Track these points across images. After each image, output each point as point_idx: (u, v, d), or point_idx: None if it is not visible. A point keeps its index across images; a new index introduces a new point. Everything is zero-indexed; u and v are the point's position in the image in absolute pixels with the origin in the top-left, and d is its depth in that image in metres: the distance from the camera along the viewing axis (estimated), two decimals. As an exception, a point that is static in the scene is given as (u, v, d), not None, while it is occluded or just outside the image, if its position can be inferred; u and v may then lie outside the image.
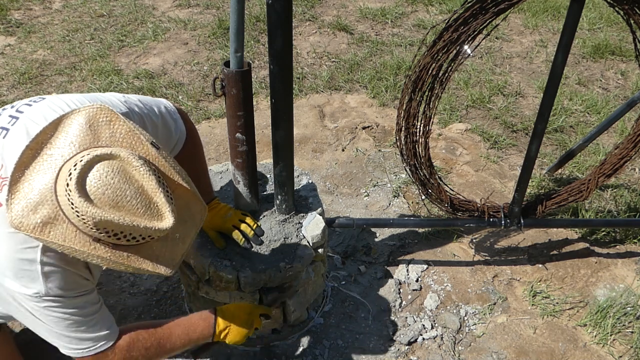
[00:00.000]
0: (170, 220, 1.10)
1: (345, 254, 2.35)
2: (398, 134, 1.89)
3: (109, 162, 1.05)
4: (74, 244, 1.06)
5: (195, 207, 1.24)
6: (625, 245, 2.48)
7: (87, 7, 4.70)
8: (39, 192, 1.04)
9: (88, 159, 1.03)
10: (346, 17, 4.60)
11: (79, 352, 1.31)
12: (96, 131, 1.11)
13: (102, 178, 1.03)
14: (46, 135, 1.09)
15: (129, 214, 1.06)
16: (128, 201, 1.05)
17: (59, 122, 1.11)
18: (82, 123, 1.11)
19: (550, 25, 4.60)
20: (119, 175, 1.04)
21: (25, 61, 3.83)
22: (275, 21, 1.37)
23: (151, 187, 1.07)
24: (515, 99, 3.55)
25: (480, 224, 2.16)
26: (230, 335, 1.55)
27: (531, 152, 1.96)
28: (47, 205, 1.04)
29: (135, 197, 1.06)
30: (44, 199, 1.04)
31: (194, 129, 1.63)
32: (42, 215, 1.04)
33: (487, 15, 1.59)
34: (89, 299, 1.29)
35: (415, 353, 1.96)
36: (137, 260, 1.13)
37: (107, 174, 1.03)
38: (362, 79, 3.71)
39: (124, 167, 1.06)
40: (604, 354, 1.98)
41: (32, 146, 1.07)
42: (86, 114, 1.12)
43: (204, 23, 4.42)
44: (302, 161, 2.97)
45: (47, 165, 1.07)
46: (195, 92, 3.49)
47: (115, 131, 1.13)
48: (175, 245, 1.18)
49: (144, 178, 1.07)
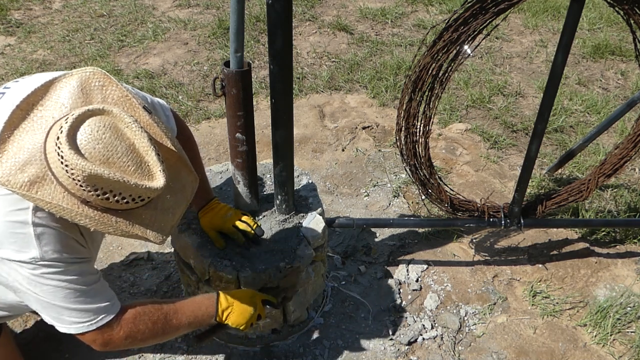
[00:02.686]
0: (161, 180, 1.07)
1: (345, 254, 2.35)
2: (398, 134, 1.89)
3: (100, 118, 1.02)
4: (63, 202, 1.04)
5: (186, 177, 1.22)
6: (625, 245, 2.48)
7: (87, 7, 4.70)
8: (27, 151, 1.02)
9: (79, 112, 1.01)
10: (346, 17, 4.60)
11: (80, 326, 1.25)
12: (88, 95, 1.09)
13: (94, 132, 1.01)
14: (37, 97, 1.07)
15: (119, 170, 1.03)
16: (119, 157, 1.03)
17: (50, 84, 1.09)
18: (75, 86, 1.09)
19: (550, 25, 4.60)
20: (110, 131, 1.02)
21: (25, 61, 3.83)
22: (275, 21, 1.37)
23: (143, 145, 1.05)
24: (515, 99, 3.55)
25: (480, 224, 2.16)
26: (232, 315, 1.50)
27: (531, 152, 1.96)
28: (36, 165, 1.02)
29: (127, 154, 1.03)
30: (33, 158, 1.02)
31: (187, 129, 1.63)
32: (30, 174, 1.02)
33: (487, 15, 1.59)
34: (87, 267, 1.25)
35: (415, 353, 1.96)
36: (126, 225, 1.10)
37: (98, 128, 1.01)
38: (362, 79, 3.71)
39: (115, 124, 1.03)
40: (604, 354, 1.98)
41: (22, 106, 1.05)
42: (79, 78, 1.10)
43: (204, 23, 4.42)
44: (302, 161, 2.97)
45: (37, 125, 1.05)
46: (195, 92, 3.49)
47: (107, 95, 1.11)
48: (165, 215, 1.16)
49: (135, 136, 1.05)
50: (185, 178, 1.22)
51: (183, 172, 1.21)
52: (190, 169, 1.22)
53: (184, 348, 1.93)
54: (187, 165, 1.21)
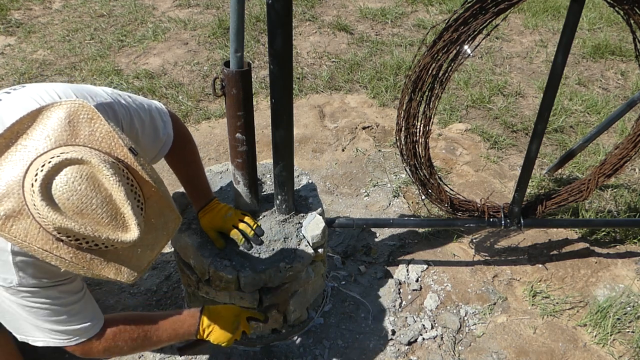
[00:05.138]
0: (135, 232, 1.06)
1: (345, 254, 2.35)
2: (398, 134, 1.89)
3: (78, 167, 1.00)
4: (35, 241, 1.02)
5: (169, 215, 1.20)
6: (625, 245, 2.48)
7: (87, 7, 4.71)
8: (6, 184, 1.00)
9: (57, 161, 0.98)
10: (346, 17, 4.60)
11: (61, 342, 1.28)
12: (75, 127, 1.07)
13: (69, 183, 0.99)
14: (22, 125, 1.05)
15: (92, 222, 1.02)
16: (93, 209, 1.01)
17: (37, 114, 1.06)
18: (62, 117, 1.06)
19: (550, 25, 4.60)
20: (86, 182, 1.00)
21: (25, 61, 3.83)
22: (275, 21, 1.37)
23: (120, 197, 1.03)
24: (515, 99, 3.55)
25: (480, 224, 2.16)
26: (213, 334, 1.53)
27: (531, 152, 1.96)
28: (13, 199, 1.00)
29: (102, 206, 1.02)
30: (11, 192, 1.00)
31: (186, 132, 1.61)
32: (7, 208, 1.00)
33: (487, 16, 1.59)
34: (69, 288, 1.25)
35: (415, 353, 1.96)
36: (99, 265, 1.09)
37: (74, 179, 0.99)
38: (362, 79, 3.71)
39: (93, 174, 1.01)
40: (604, 354, 1.98)
41: (6, 135, 1.03)
42: (67, 109, 1.07)
43: (204, 23, 4.42)
44: (302, 161, 2.97)
45: (19, 156, 1.03)
46: (195, 92, 3.49)
47: (95, 129, 1.08)
48: (143, 251, 1.15)
49: (113, 187, 1.03)
50: (169, 215, 1.20)
51: (167, 210, 1.19)
52: (173, 207, 1.21)
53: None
54: (171, 204, 1.20)
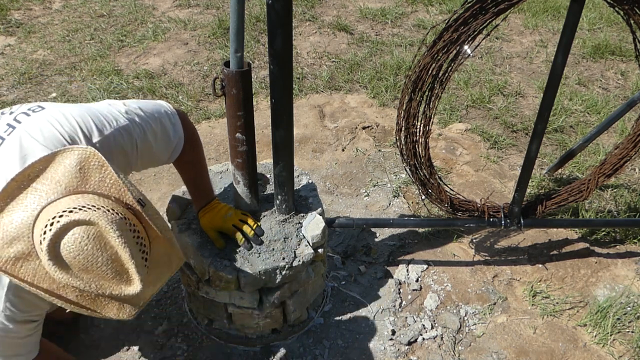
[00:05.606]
0: (138, 287, 1.11)
1: (345, 254, 2.35)
2: (398, 134, 1.89)
3: (86, 228, 1.04)
4: (43, 282, 1.08)
5: (173, 255, 1.25)
6: (625, 245, 2.48)
7: (87, 7, 4.71)
8: (17, 228, 1.05)
9: (65, 222, 1.02)
10: (346, 17, 4.60)
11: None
12: (86, 174, 1.12)
13: (77, 243, 1.03)
14: (34, 169, 1.09)
15: (97, 277, 1.07)
16: (98, 267, 1.06)
17: (49, 160, 1.11)
18: (73, 165, 1.11)
19: (550, 25, 4.60)
20: (93, 242, 1.04)
21: (25, 61, 3.83)
22: (275, 21, 1.37)
23: (125, 256, 1.07)
24: (515, 99, 3.55)
25: (480, 224, 2.16)
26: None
27: (531, 152, 1.96)
28: (23, 242, 1.05)
29: (107, 263, 1.06)
30: (21, 235, 1.05)
31: (194, 132, 1.62)
32: (17, 250, 1.05)
33: (487, 16, 1.59)
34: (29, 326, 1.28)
35: (415, 353, 1.96)
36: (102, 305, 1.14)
37: (82, 239, 1.03)
38: (362, 79, 3.71)
39: (100, 233, 1.05)
40: (604, 354, 1.98)
41: (18, 179, 1.08)
42: (78, 156, 1.12)
43: (204, 23, 4.42)
44: (302, 161, 2.97)
45: (30, 199, 1.08)
46: (195, 92, 3.49)
47: (105, 176, 1.13)
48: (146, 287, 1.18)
49: (119, 247, 1.07)
50: (173, 255, 1.25)
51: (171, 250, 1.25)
52: (177, 249, 1.26)
53: (184, 348, 1.93)
54: (175, 247, 1.25)
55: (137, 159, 1.41)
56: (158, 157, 1.52)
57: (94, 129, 1.27)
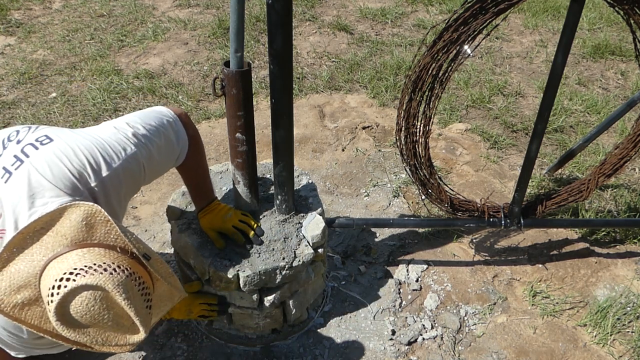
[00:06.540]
0: (142, 335, 1.17)
1: (345, 254, 2.35)
2: (398, 134, 1.89)
3: (93, 292, 1.08)
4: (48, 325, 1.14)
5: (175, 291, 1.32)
6: (625, 245, 2.48)
7: (87, 7, 4.70)
8: (25, 277, 1.10)
9: (73, 286, 1.06)
10: (346, 17, 4.60)
11: None
12: (92, 228, 1.15)
13: (84, 305, 1.08)
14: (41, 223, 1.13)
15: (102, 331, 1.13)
16: (104, 322, 1.12)
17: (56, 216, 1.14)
18: (78, 220, 1.14)
19: (550, 25, 4.60)
20: (100, 303, 1.09)
21: (25, 61, 3.83)
22: (275, 21, 1.37)
23: (132, 313, 1.12)
24: (515, 99, 3.55)
25: (480, 224, 2.16)
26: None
27: (531, 152, 1.96)
28: (30, 289, 1.11)
29: (113, 319, 1.12)
30: (28, 284, 1.11)
31: (196, 133, 1.62)
32: (24, 296, 1.11)
33: (487, 16, 1.59)
34: None
35: (415, 353, 1.96)
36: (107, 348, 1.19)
37: (89, 301, 1.08)
38: (362, 79, 3.71)
39: (107, 296, 1.10)
40: (604, 354, 1.98)
41: (25, 232, 1.12)
42: (84, 212, 1.15)
43: (204, 23, 4.42)
44: (302, 161, 2.97)
45: (36, 250, 1.12)
46: (195, 92, 3.49)
47: (110, 230, 1.17)
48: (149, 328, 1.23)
49: (125, 306, 1.11)
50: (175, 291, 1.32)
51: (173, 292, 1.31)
52: (180, 290, 1.32)
53: (184, 348, 1.93)
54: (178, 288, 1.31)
55: (146, 177, 1.44)
56: (165, 167, 1.54)
57: (102, 164, 1.27)
